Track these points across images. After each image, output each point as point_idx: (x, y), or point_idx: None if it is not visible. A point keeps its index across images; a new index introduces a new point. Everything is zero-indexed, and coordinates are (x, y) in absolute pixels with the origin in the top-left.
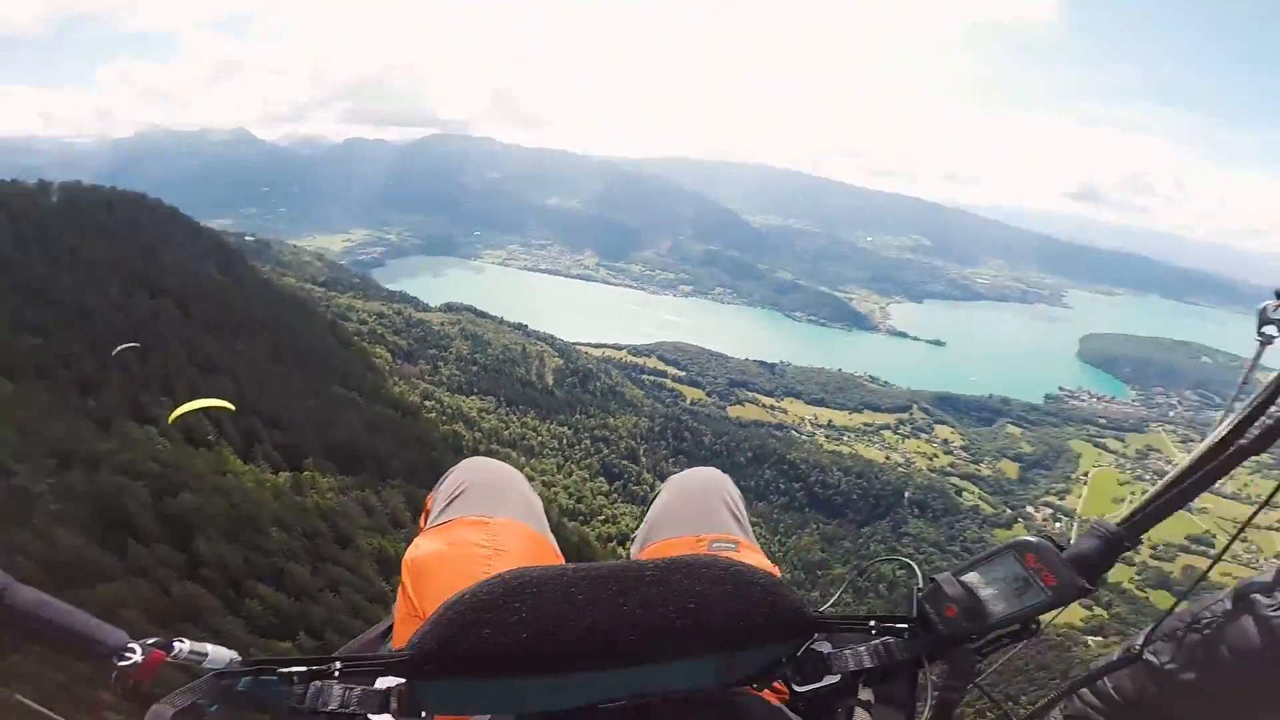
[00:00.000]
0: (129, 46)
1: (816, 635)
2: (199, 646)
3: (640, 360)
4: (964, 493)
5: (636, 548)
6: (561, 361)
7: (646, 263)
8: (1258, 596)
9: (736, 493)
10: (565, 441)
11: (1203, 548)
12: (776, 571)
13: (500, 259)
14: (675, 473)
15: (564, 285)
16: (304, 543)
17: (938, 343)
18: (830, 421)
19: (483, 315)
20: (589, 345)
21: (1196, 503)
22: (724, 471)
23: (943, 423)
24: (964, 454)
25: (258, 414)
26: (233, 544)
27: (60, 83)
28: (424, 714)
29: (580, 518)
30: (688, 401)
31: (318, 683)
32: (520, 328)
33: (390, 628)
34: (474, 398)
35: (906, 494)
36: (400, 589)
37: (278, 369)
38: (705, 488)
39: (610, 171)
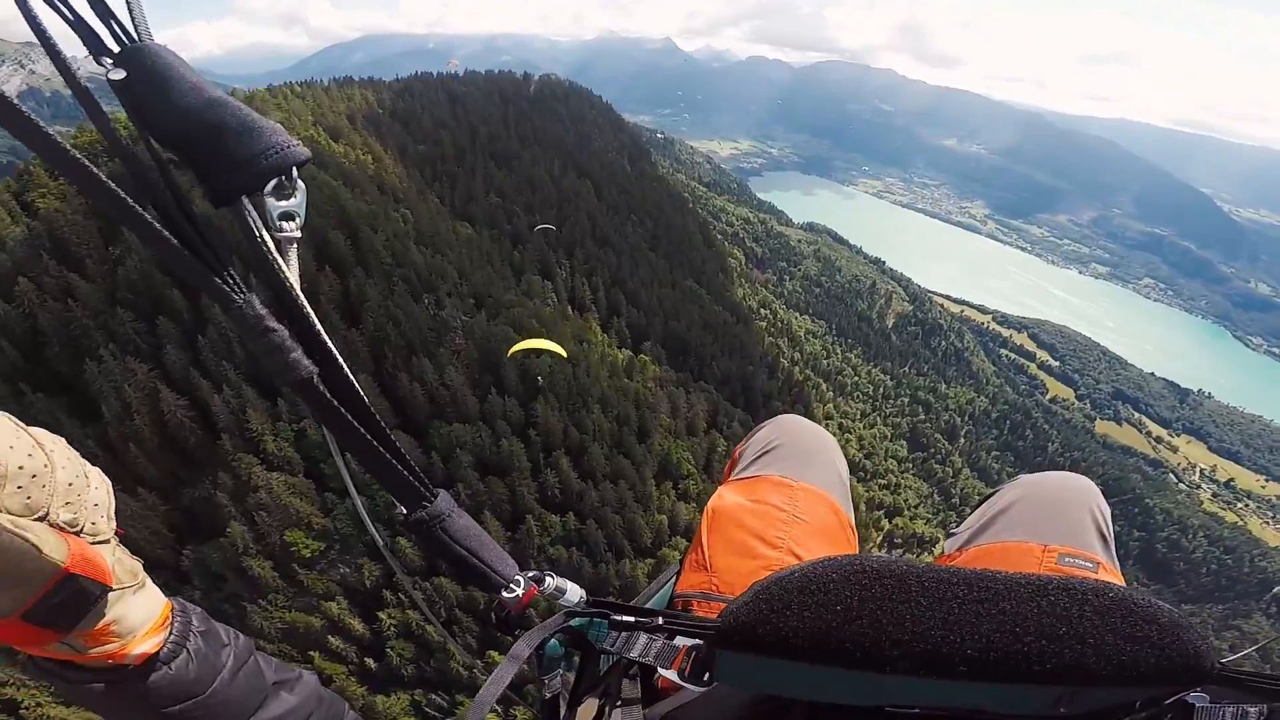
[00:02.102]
0: None
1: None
2: (561, 583)
3: (1006, 333)
4: None
5: (957, 543)
6: (910, 308)
7: (1055, 228)
8: None
9: (1107, 510)
10: (882, 391)
11: None
12: None
13: (876, 190)
14: (1020, 474)
15: (941, 230)
16: (612, 427)
17: None
18: (1231, 481)
19: (840, 241)
20: (948, 299)
21: None
22: None
23: None
24: None
25: (625, 292)
26: (561, 412)
27: None
28: (706, 677)
29: (861, 474)
30: (1048, 397)
31: (629, 632)
32: (876, 262)
33: (676, 576)
34: (806, 318)
35: (1277, 589)
36: (696, 535)
37: (650, 255)
38: (1069, 494)
39: (1032, 121)
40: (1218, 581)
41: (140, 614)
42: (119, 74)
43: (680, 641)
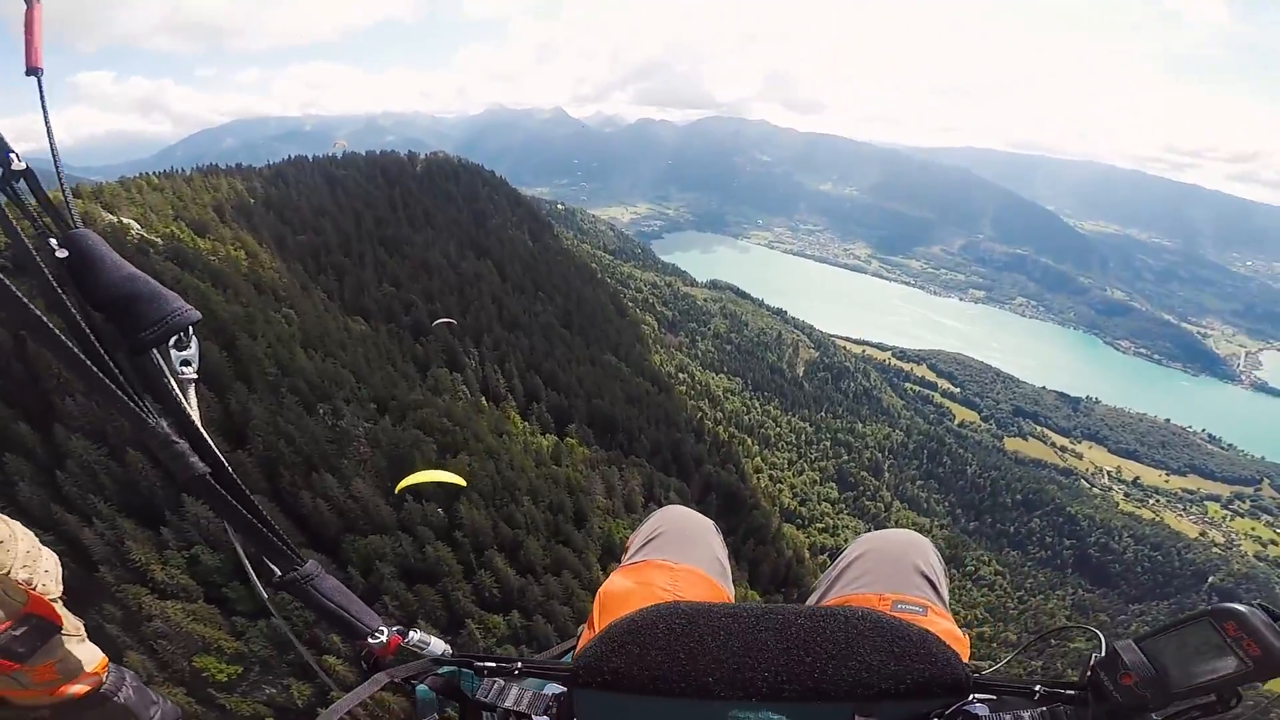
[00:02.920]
0: (473, 33)
1: (973, 696)
2: (424, 636)
3: (907, 366)
4: None
5: (814, 599)
6: (816, 354)
7: (931, 260)
8: None
9: (936, 559)
10: (804, 438)
11: None
12: (964, 640)
13: (767, 240)
14: (864, 532)
15: (831, 274)
16: (546, 517)
17: None
18: (1137, 479)
19: (743, 296)
20: (849, 340)
21: None
22: (980, 512)
23: None
24: None
25: (541, 375)
26: (488, 509)
27: (431, 66)
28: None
29: (799, 520)
30: (956, 422)
31: (501, 681)
32: (779, 313)
33: (573, 646)
34: (723, 376)
35: (1211, 578)
36: (589, 617)
37: (564, 332)
38: (902, 550)
39: (894, 159)
40: (1155, 578)
41: (82, 659)
42: (64, 253)
43: (550, 690)
